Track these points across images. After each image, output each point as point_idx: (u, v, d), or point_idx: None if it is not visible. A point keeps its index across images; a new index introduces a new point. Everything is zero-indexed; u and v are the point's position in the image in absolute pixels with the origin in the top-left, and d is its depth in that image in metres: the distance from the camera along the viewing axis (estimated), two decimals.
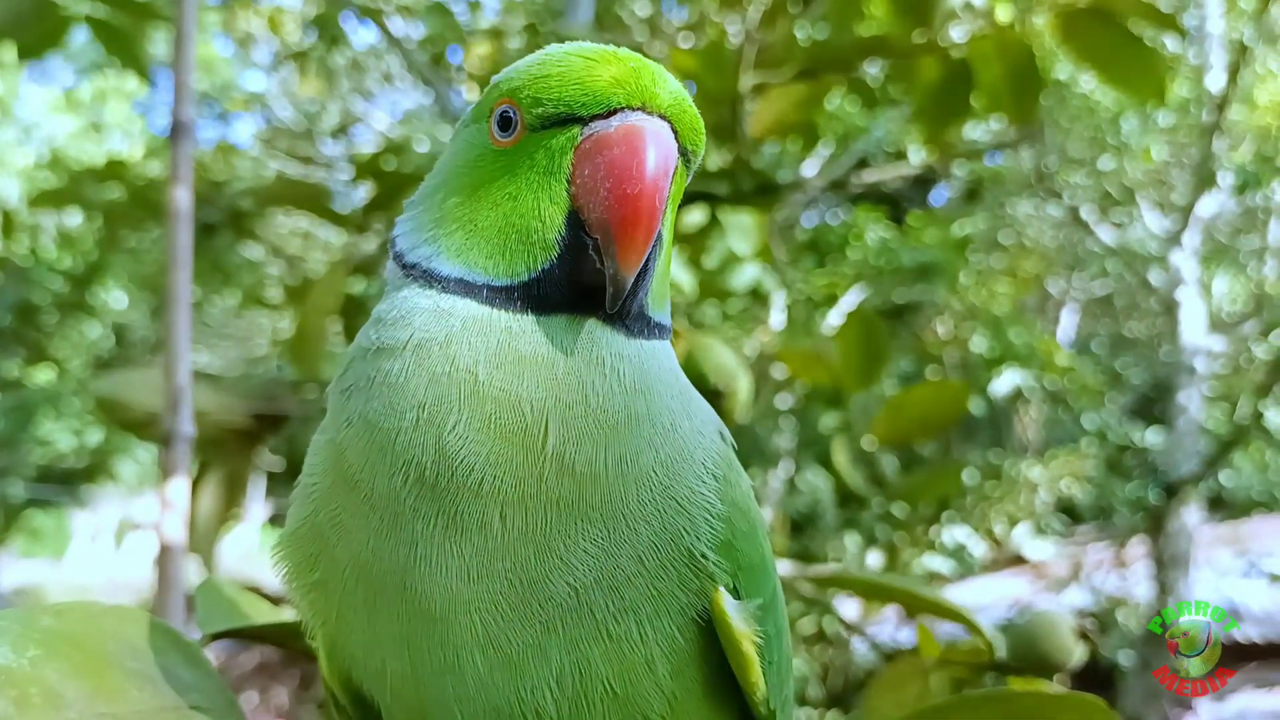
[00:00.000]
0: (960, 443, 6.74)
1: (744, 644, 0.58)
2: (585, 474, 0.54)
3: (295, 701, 5.49)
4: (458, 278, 0.58)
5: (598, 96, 0.57)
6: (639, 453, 0.56)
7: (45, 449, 5.69)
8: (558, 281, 0.57)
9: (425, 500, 0.54)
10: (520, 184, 0.58)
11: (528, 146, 0.59)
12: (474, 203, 0.60)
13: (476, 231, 0.59)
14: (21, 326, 4.25)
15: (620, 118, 0.56)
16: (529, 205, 0.58)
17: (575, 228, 0.57)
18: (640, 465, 0.55)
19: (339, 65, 4.94)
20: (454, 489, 0.53)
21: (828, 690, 4.97)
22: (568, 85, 0.57)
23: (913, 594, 1.10)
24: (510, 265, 0.57)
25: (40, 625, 0.60)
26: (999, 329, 6.20)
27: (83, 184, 3.28)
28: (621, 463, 0.55)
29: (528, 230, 0.57)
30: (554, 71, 0.58)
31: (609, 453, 0.54)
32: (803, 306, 5.15)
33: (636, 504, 0.55)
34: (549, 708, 0.56)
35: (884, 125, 4.98)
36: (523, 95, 0.58)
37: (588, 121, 0.57)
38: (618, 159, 0.55)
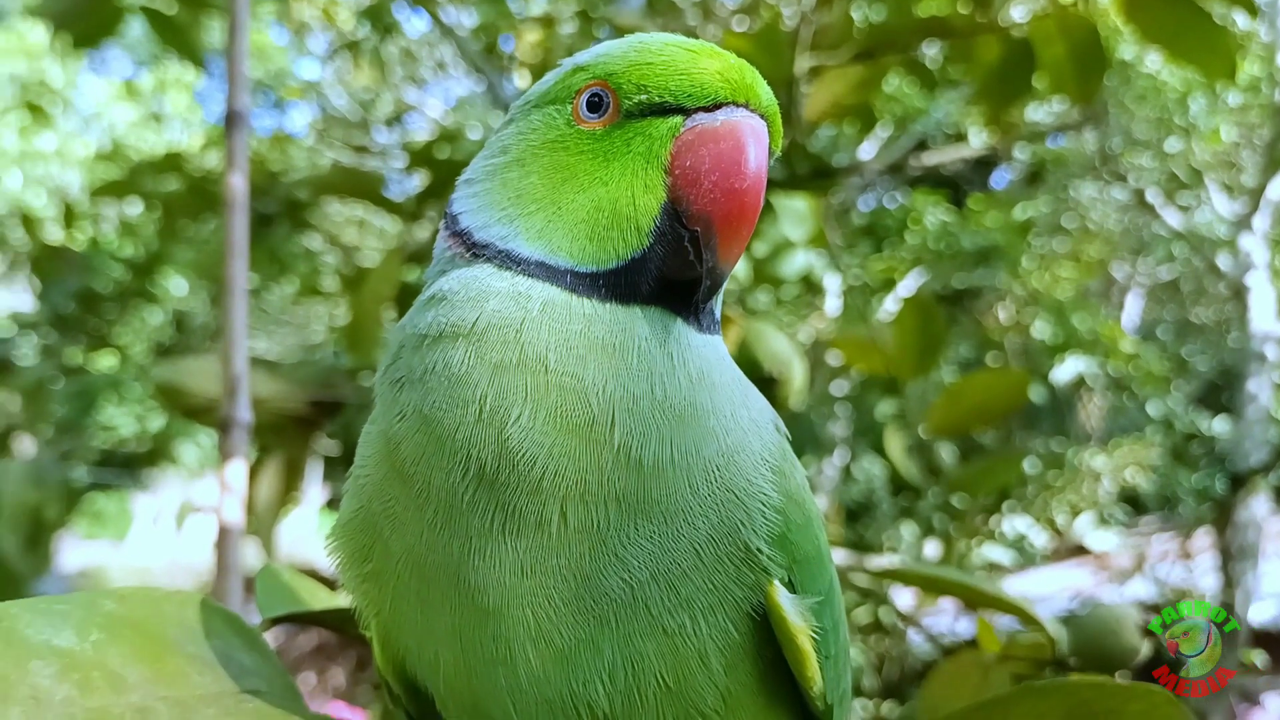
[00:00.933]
0: (1021, 431, 6.64)
1: (800, 638, 0.57)
2: (650, 467, 0.53)
3: (352, 682, 5.57)
4: (539, 260, 0.57)
5: (705, 89, 0.56)
6: (702, 444, 0.55)
7: (108, 434, 5.81)
8: (647, 271, 0.56)
9: (482, 495, 0.53)
10: (613, 169, 0.57)
11: (625, 132, 0.58)
12: (557, 184, 0.59)
13: (561, 214, 0.58)
14: (84, 314, 4.34)
15: (726, 112, 0.56)
16: (623, 191, 0.57)
17: (671, 217, 0.56)
18: (702, 457, 0.55)
19: (392, 54, 4.97)
20: (513, 484, 0.53)
21: (883, 681, 4.93)
22: (674, 75, 0.56)
23: (971, 588, 1.07)
24: (599, 251, 0.57)
25: (103, 610, 0.61)
26: (1061, 314, 6.10)
27: (142, 175, 3.33)
28: (685, 455, 0.54)
29: (620, 217, 0.56)
30: (658, 60, 0.57)
31: (674, 445, 0.54)
32: (859, 292, 5.10)
33: (696, 497, 0.54)
34: (601, 701, 0.55)
35: (943, 107, 4.91)
36: (622, 80, 0.57)
37: (692, 113, 0.56)
38: (725, 152, 0.55)
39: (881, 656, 5.06)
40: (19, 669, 0.54)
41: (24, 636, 0.56)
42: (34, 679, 0.54)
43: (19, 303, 6.11)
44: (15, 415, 4.70)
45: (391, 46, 4.92)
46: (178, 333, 5.32)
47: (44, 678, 0.54)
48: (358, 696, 5.12)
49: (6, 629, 0.56)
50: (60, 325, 4.28)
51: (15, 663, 0.54)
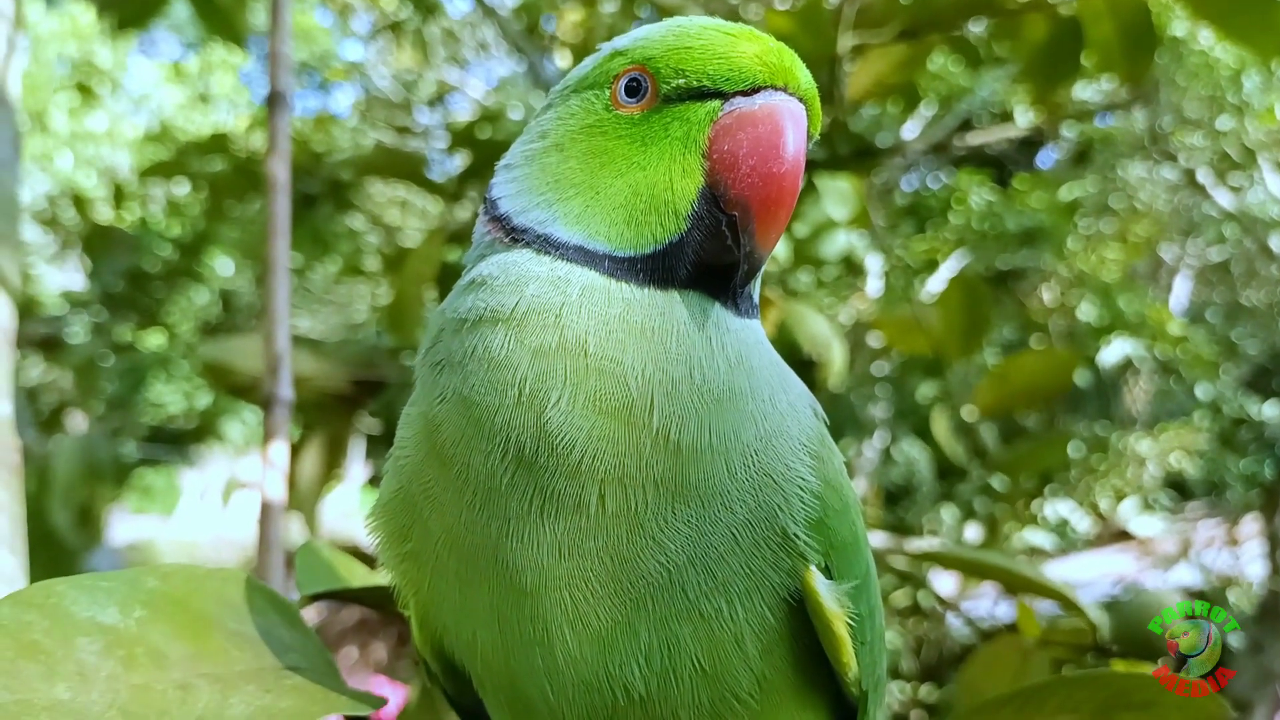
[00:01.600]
0: (1065, 414, 6.56)
1: (836, 624, 0.57)
2: (688, 451, 0.53)
3: (394, 657, 5.64)
4: (577, 245, 0.57)
5: (743, 73, 0.56)
6: (740, 428, 0.55)
7: (156, 410, 5.91)
8: (684, 256, 0.56)
9: (521, 478, 0.54)
10: (651, 154, 0.57)
11: (663, 117, 0.58)
12: (595, 169, 0.59)
13: (599, 199, 0.58)
14: (134, 292, 4.40)
15: (764, 96, 0.56)
16: (661, 176, 0.57)
17: (709, 202, 0.56)
18: (740, 441, 0.55)
19: (434, 35, 4.97)
20: (551, 467, 0.53)
21: (921, 664, 4.91)
22: (712, 59, 0.56)
23: (1011, 572, 1.07)
24: (637, 236, 0.57)
25: (146, 587, 0.62)
26: (1108, 296, 6.01)
27: (189, 156, 3.37)
28: (724, 439, 0.54)
29: (658, 201, 0.56)
30: (695, 45, 0.57)
31: (713, 429, 0.54)
32: (901, 273, 5.06)
33: (734, 481, 0.54)
34: (637, 683, 0.55)
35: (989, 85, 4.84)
36: (660, 64, 0.57)
37: (730, 97, 0.56)
38: (763, 136, 0.54)
39: (920, 640, 5.04)
40: (65, 645, 0.55)
41: (70, 613, 0.57)
42: (80, 655, 0.55)
43: (71, 281, 6.22)
44: (68, 391, 4.80)
45: (434, 27, 4.93)
46: (224, 311, 5.39)
47: (89, 654, 0.56)
48: (399, 672, 5.18)
49: (54, 605, 0.57)
50: (110, 304, 4.35)
51: (62, 639, 0.55)
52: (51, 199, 6.44)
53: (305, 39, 8.57)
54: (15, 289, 1.15)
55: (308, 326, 5.44)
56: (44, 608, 0.57)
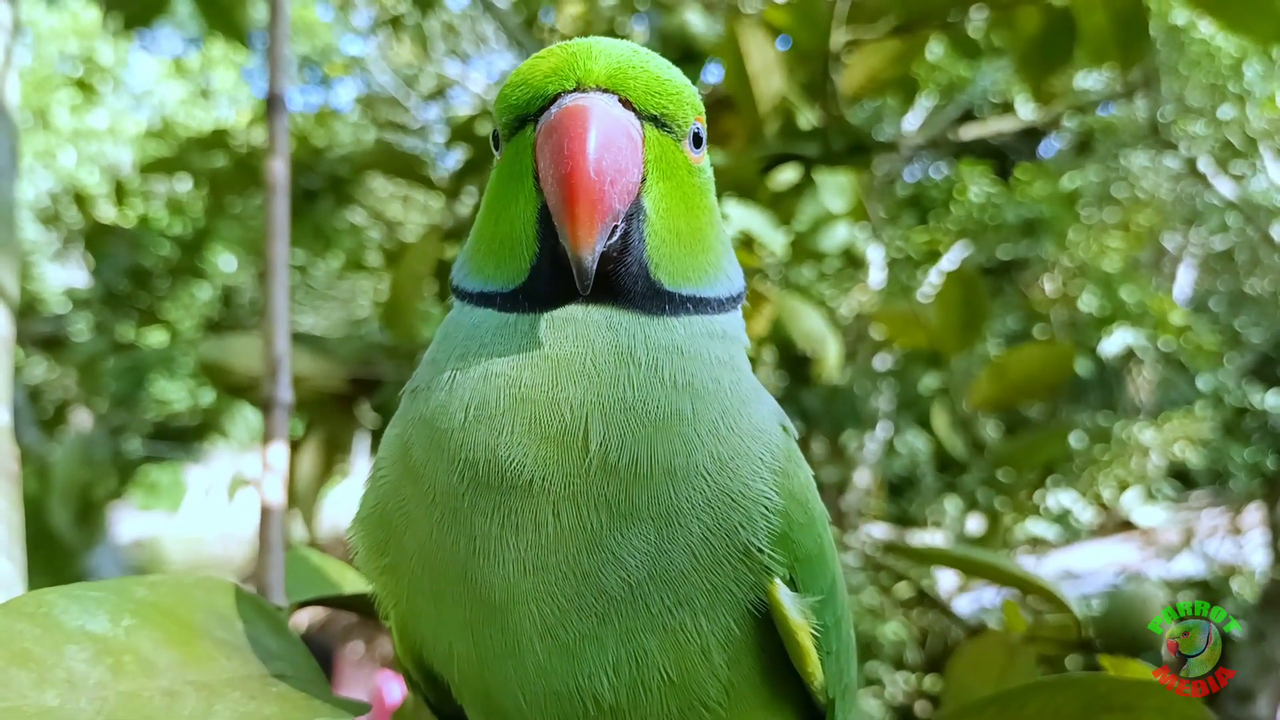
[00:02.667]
0: (1068, 405, 6.55)
1: (801, 635, 0.58)
2: (629, 475, 0.54)
3: None
4: (478, 291, 0.61)
5: (536, 90, 0.58)
6: (687, 451, 0.55)
7: (161, 407, 5.92)
8: (547, 277, 0.57)
9: (481, 496, 0.55)
10: (505, 191, 0.60)
11: (506, 155, 0.61)
12: (485, 219, 0.63)
13: (485, 244, 0.62)
14: (136, 290, 4.41)
15: (557, 104, 0.56)
16: (511, 208, 0.59)
17: (545, 220, 0.57)
18: (690, 463, 0.55)
19: (434, 29, 4.97)
20: (505, 488, 0.55)
21: (926, 655, 4.92)
22: (516, 88, 0.59)
23: (997, 568, 1.07)
24: (508, 270, 0.59)
25: (135, 596, 0.63)
26: (1110, 286, 5.99)
27: (190, 152, 3.38)
28: (666, 462, 0.55)
29: (512, 232, 0.59)
30: (511, 80, 0.59)
31: (653, 453, 0.55)
32: (903, 265, 5.05)
33: (688, 502, 0.55)
34: (606, 694, 0.57)
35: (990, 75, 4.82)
36: (494, 112, 0.61)
37: (537, 118, 0.58)
38: (554, 143, 0.55)
39: (924, 631, 5.05)
40: (55, 653, 0.56)
41: (60, 622, 0.58)
42: (69, 663, 0.56)
43: (73, 279, 6.23)
44: (71, 390, 4.81)
45: (433, 21, 4.93)
46: (226, 308, 5.39)
47: (79, 662, 0.57)
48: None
49: (44, 614, 0.58)
50: (113, 301, 4.36)
51: (51, 647, 0.56)
52: (54, 196, 6.45)
53: (307, 33, 8.57)
54: (13, 297, 1.16)
55: (311, 323, 5.46)
56: (34, 616, 0.58)
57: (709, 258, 0.62)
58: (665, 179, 0.59)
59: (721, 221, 0.67)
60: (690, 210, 0.61)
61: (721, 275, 0.63)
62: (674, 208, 0.60)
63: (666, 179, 0.59)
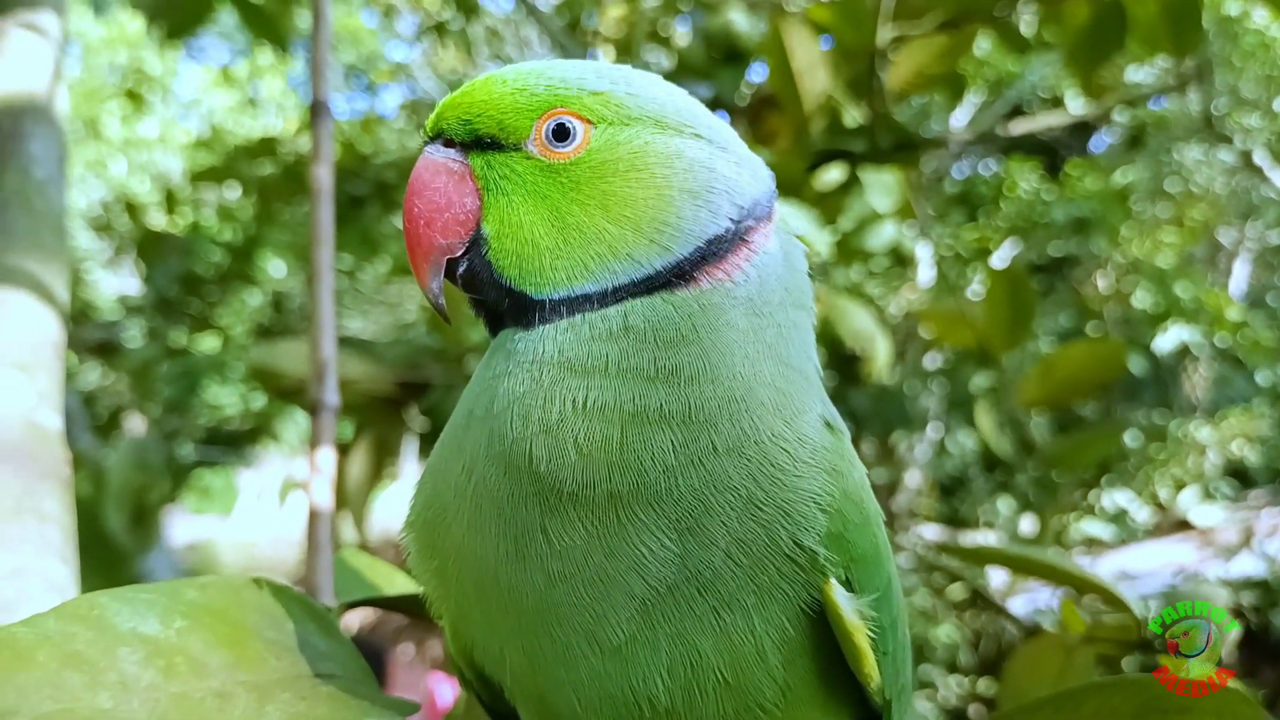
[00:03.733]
0: (1123, 403, 6.45)
1: (857, 636, 0.57)
2: (633, 480, 0.54)
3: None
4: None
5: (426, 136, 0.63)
6: (697, 452, 0.55)
7: (213, 412, 6.01)
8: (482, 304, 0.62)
9: (520, 505, 0.55)
10: None
11: None
12: None
13: None
14: (187, 296, 4.48)
15: None
16: None
17: None
18: (707, 465, 0.55)
19: (477, 34, 5.00)
20: (538, 494, 0.55)
21: (980, 657, 4.86)
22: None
23: (1054, 567, 1.05)
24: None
25: (186, 598, 0.63)
26: (1164, 282, 5.89)
27: (238, 159, 3.43)
28: (700, 460, 0.54)
29: None
30: None
31: (676, 453, 0.54)
32: (952, 262, 5.00)
33: (713, 504, 0.54)
34: (661, 697, 0.56)
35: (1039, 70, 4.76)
36: None
37: None
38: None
39: (978, 633, 4.99)
40: (108, 655, 0.56)
41: (112, 624, 0.58)
42: (121, 665, 0.56)
43: (126, 286, 6.33)
44: (125, 395, 4.89)
45: (477, 26, 4.95)
46: (276, 313, 5.46)
47: (131, 664, 0.57)
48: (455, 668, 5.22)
49: (97, 617, 0.58)
50: (164, 308, 4.44)
51: (104, 650, 0.57)
52: (105, 205, 6.56)
53: (352, 41, 8.66)
54: (64, 303, 1.18)
55: (359, 327, 5.50)
56: (87, 619, 0.58)
57: (600, 246, 0.58)
58: (505, 195, 0.59)
59: (663, 181, 0.59)
60: (558, 210, 0.59)
61: (637, 251, 0.58)
62: (527, 219, 0.59)
63: (506, 194, 0.59)
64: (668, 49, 3.48)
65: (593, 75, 0.61)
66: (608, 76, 0.61)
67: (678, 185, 0.59)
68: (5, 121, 1.29)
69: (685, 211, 0.59)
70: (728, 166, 0.61)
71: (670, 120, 0.61)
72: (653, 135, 0.59)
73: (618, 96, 0.60)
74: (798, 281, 0.64)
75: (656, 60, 3.56)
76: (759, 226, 0.61)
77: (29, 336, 1.11)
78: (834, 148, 2.11)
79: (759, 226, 0.61)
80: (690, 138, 0.61)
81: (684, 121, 0.61)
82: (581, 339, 0.56)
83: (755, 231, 0.61)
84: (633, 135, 0.59)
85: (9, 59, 1.36)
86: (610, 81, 0.60)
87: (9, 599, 0.90)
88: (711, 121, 0.63)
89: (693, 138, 0.61)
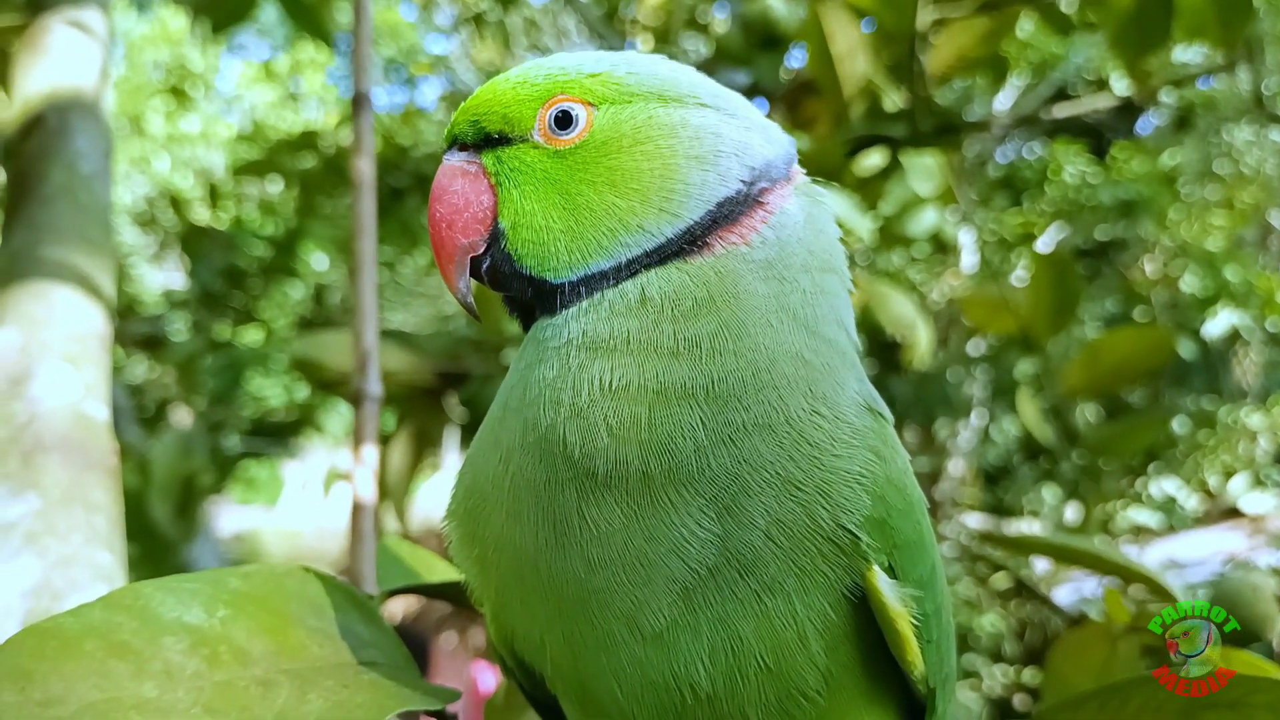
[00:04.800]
0: (1171, 389, 6.35)
1: (900, 623, 0.57)
2: (671, 463, 0.54)
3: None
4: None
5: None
6: (731, 428, 0.54)
7: (258, 404, 6.08)
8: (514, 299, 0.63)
9: (557, 492, 0.56)
10: None
11: None
12: None
13: None
14: (231, 290, 4.53)
15: None
16: None
17: None
18: (737, 442, 0.54)
19: (515, 25, 5.01)
20: (576, 481, 0.55)
21: (1025, 647, 4.81)
22: None
23: (1098, 556, 1.03)
24: None
25: (229, 587, 0.64)
26: (1213, 266, 5.79)
27: (280, 154, 3.46)
28: (705, 441, 0.54)
29: None
30: None
31: (686, 434, 0.54)
32: (995, 248, 4.95)
33: (752, 487, 0.54)
34: (703, 682, 0.56)
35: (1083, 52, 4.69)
36: None
37: None
38: None
39: (1023, 622, 4.94)
40: (153, 645, 0.57)
41: (157, 614, 0.59)
42: (166, 654, 0.57)
43: (171, 281, 6.42)
44: (171, 388, 4.96)
45: (515, 17, 4.96)
46: (318, 306, 5.51)
47: (175, 653, 0.57)
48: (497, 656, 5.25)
49: (142, 607, 0.59)
50: (209, 301, 4.49)
51: (149, 639, 0.57)
52: (150, 200, 6.65)
53: (392, 35, 8.70)
54: (110, 297, 1.19)
55: (400, 320, 5.53)
56: (133, 609, 0.59)
57: (611, 221, 0.58)
58: (516, 187, 0.60)
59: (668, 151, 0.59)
60: (568, 193, 0.59)
61: (647, 221, 0.58)
62: (539, 206, 0.59)
63: (518, 186, 0.60)
64: (706, 36, 3.47)
65: (591, 60, 0.61)
66: (607, 59, 0.61)
67: (683, 152, 0.59)
68: (52, 117, 1.31)
69: (692, 177, 0.58)
70: (736, 130, 0.61)
71: (672, 93, 0.60)
72: (655, 109, 0.59)
73: (617, 75, 0.60)
74: (823, 244, 0.62)
75: (694, 48, 3.54)
76: (775, 188, 0.61)
77: (76, 329, 1.13)
78: (874, 133, 2.09)
79: (775, 188, 0.61)
80: (695, 107, 0.60)
81: (687, 93, 0.61)
82: (602, 317, 0.56)
83: (771, 193, 0.60)
84: (635, 111, 0.59)
85: (56, 56, 1.38)
86: (610, 63, 0.61)
87: (59, 587, 0.92)
88: (718, 90, 0.63)
89: (697, 107, 0.60)
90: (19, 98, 1.34)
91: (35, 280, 1.14)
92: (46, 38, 1.38)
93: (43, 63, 1.36)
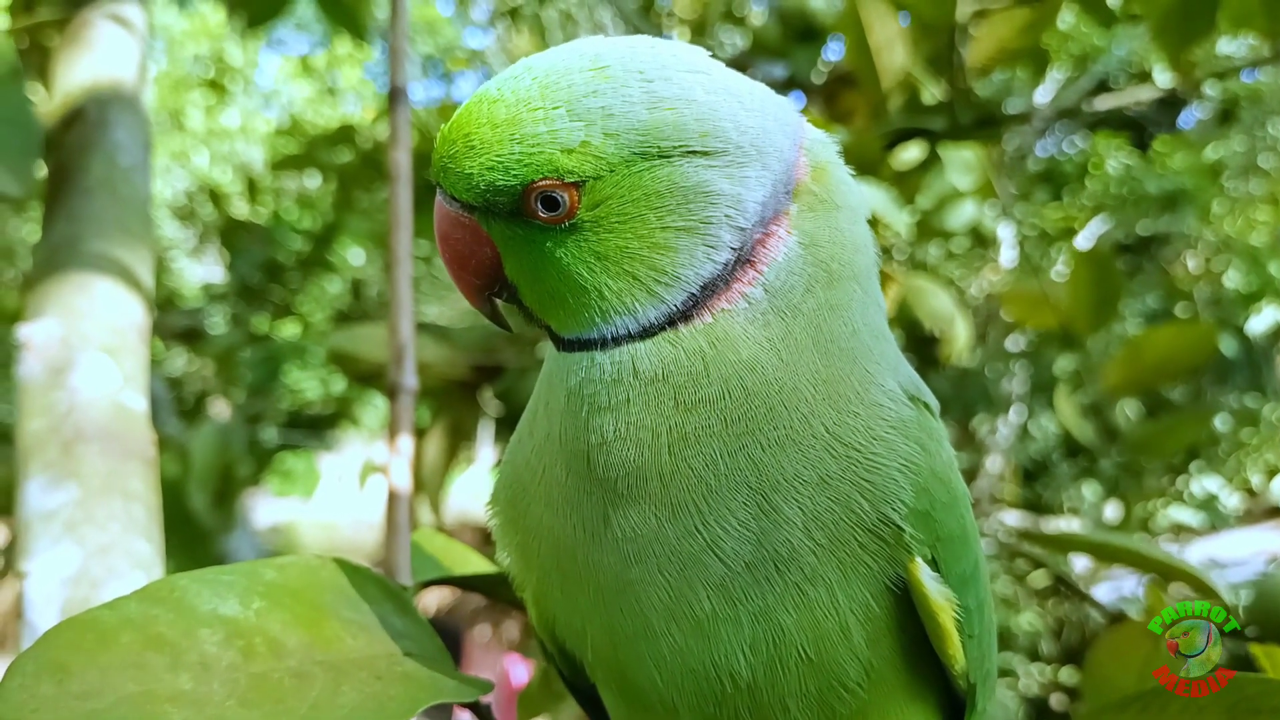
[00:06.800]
0: (1214, 387, 6.27)
1: (942, 617, 0.57)
2: (695, 485, 0.54)
3: (526, 634, 5.74)
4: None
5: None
6: (753, 452, 0.54)
7: (295, 397, 6.14)
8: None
9: (592, 484, 0.56)
10: None
11: None
12: None
13: None
14: (269, 283, 4.57)
15: None
16: None
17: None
18: (764, 459, 0.54)
19: (551, 18, 5.01)
20: (609, 475, 0.55)
21: (1062, 646, 4.77)
22: None
23: (1139, 553, 1.02)
24: None
25: (264, 579, 0.64)
26: (1257, 261, 5.71)
27: (318, 148, 3.48)
28: (727, 468, 0.54)
29: None
30: None
31: (708, 466, 0.54)
32: (1036, 242, 4.90)
33: (782, 487, 0.54)
34: (743, 672, 0.56)
35: (1125, 44, 4.63)
36: None
37: None
38: None
39: (1061, 621, 4.90)
40: (189, 637, 0.57)
41: (192, 606, 0.59)
42: (202, 646, 0.57)
43: (210, 274, 6.49)
44: (210, 381, 5.02)
45: (551, 10, 4.96)
46: (355, 300, 5.55)
47: (211, 645, 0.58)
48: (530, 649, 5.28)
49: (177, 599, 0.59)
50: (247, 295, 4.54)
51: (185, 631, 0.58)
52: (190, 195, 6.72)
53: (429, 31, 8.74)
54: (149, 289, 1.20)
55: (435, 313, 5.56)
56: (168, 601, 0.59)
57: (603, 304, 0.56)
58: (513, 255, 0.58)
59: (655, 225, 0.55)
60: (563, 270, 0.56)
61: (637, 304, 0.56)
62: (535, 274, 0.57)
63: (514, 254, 0.57)
64: (742, 28, 3.45)
65: (565, 117, 0.54)
66: (583, 110, 0.54)
67: (672, 225, 0.55)
68: (92, 110, 1.32)
69: (682, 255, 0.55)
70: (728, 180, 0.55)
71: (655, 149, 0.54)
72: (641, 174, 0.54)
73: (595, 143, 0.53)
74: (834, 254, 0.57)
75: (731, 40, 3.53)
76: (774, 221, 0.56)
77: (115, 321, 1.14)
78: (912, 125, 2.07)
79: (774, 221, 0.56)
80: (681, 159, 0.54)
81: (673, 143, 0.54)
82: (593, 379, 0.56)
83: (769, 237, 0.56)
84: (619, 182, 0.54)
85: (96, 49, 1.39)
86: (585, 122, 0.53)
87: (97, 575, 0.93)
88: (704, 115, 0.55)
89: (684, 158, 0.54)
90: (60, 91, 1.35)
91: (75, 272, 1.15)
92: (87, 31, 1.40)
93: (83, 56, 1.37)
